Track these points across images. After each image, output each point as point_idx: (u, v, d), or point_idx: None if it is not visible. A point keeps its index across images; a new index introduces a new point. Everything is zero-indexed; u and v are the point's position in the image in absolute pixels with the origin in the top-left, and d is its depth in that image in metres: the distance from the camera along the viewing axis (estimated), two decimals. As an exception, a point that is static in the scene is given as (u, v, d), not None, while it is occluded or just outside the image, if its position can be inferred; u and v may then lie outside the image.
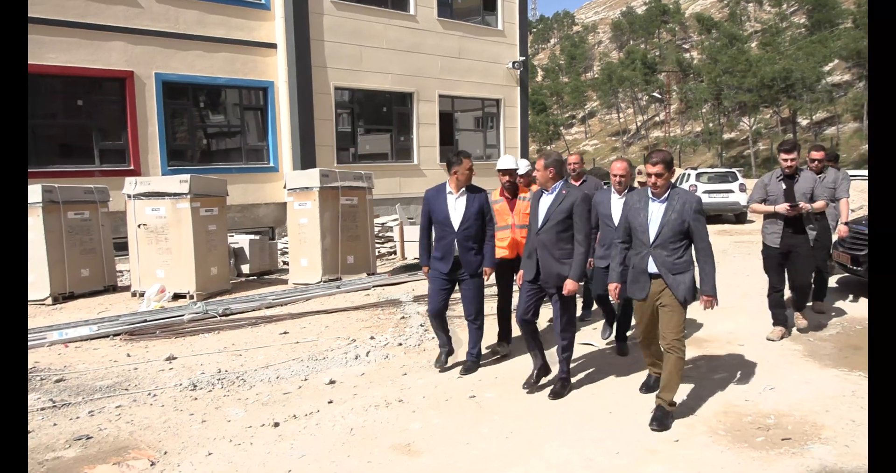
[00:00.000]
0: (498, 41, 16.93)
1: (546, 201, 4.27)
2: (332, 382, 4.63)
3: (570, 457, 3.33)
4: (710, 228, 17.21)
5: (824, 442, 3.41)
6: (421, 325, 6.16)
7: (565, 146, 58.81)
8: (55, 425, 3.95)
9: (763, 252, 5.56)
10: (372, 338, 5.74)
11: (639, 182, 6.06)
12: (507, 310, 5.18)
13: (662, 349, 3.81)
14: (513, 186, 5.07)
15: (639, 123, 59.54)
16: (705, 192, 16.54)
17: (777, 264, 5.43)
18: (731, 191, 16.62)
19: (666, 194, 3.74)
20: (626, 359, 5.03)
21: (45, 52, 10.61)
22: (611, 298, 4.14)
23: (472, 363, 4.84)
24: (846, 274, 7.40)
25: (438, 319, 4.86)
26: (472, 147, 16.54)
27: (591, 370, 4.82)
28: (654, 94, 55.43)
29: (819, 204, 5.31)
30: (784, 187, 5.30)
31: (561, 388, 4.26)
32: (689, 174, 17.75)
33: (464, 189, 4.69)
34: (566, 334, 4.26)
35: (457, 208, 4.68)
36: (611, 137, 60.84)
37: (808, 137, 44.43)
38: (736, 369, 4.70)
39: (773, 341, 5.35)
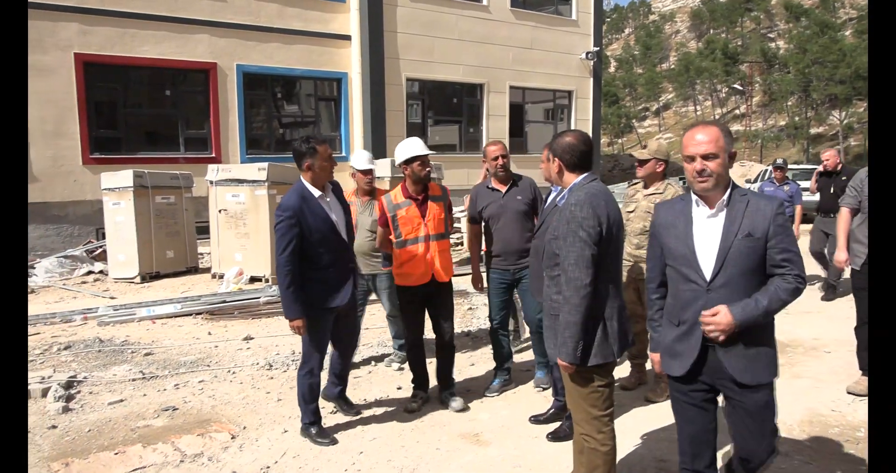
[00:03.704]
0: (571, 31, 16.60)
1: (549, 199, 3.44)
2: (401, 369, 4.71)
3: (642, 456, 3.25)
4: (793, 227, 16.14)
5: (922, 459, 3.18)
6: (487, 316, 6.15)
7: (637, 139, 57.16)
8: (145, 395, 4.22)
9: None
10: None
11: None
12: (422, 354, 4.03)
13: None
14: (422, 181, 3.77)
15: (717, 116, 57.02)
16: None
17: None
18: None
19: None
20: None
21: (137, 44, 11.24)
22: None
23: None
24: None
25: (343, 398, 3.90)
26: (542, 140, 16.33)
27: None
28: (735, 85, 52.76)
29: None
30: None
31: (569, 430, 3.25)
32: (770, 171, 16.84)
33: (329, 187, 3.48)
34: None
35: (335, 212, 3.43)
36: (686, 131, 58.70)
37: (906, 133, 41.12)
38: (821, 376, 4.45)
39: None
